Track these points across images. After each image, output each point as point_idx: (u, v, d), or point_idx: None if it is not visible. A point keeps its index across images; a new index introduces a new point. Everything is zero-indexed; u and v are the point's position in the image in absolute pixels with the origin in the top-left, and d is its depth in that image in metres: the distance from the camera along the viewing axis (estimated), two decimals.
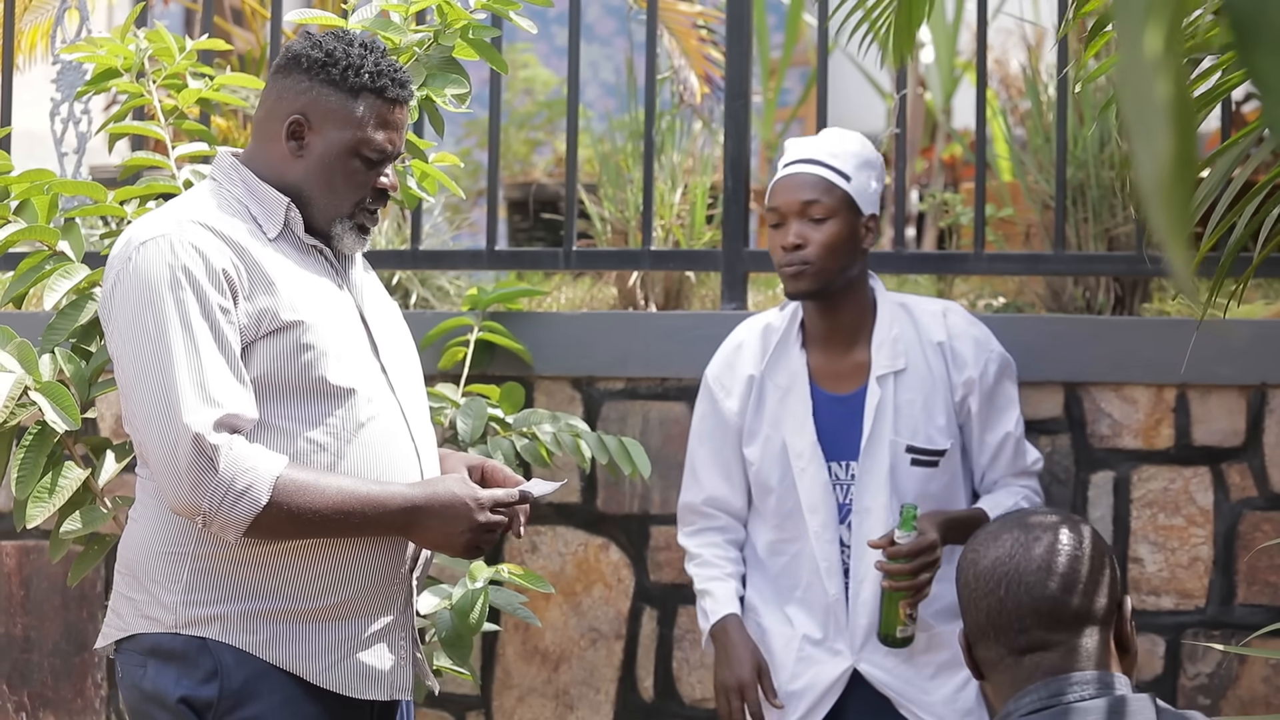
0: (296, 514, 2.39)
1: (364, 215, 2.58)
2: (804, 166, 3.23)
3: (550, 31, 8.49)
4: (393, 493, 2.47)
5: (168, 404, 2.37)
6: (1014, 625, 1.92)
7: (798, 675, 3.23)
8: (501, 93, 4.07)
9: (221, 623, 2.45)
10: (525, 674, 3.83)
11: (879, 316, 3.26)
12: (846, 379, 3.26)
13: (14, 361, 2.82)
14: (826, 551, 3.22)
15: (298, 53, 2.55)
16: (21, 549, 4.05)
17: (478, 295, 3.79)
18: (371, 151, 2.54)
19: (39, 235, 2.98)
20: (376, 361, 2.57)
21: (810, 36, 8.09)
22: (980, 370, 3.25)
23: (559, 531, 3.82)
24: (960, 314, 3.31)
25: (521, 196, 6.20)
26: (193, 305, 2.40)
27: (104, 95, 4.36)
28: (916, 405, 3.22)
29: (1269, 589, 3.49)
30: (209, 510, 2.37)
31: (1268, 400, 3.51)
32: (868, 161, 3.24)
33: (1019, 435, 3.28)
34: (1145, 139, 0.90)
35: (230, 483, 2.36)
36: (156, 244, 2.44)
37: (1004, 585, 1.93)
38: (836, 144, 3.26)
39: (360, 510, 2.43)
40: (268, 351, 2.45)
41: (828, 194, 3.20)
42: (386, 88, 2.54)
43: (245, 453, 2.38)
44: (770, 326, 3.34)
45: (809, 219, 3.20)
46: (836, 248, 3.19)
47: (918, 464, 3.20)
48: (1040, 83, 4.41)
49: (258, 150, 2.58)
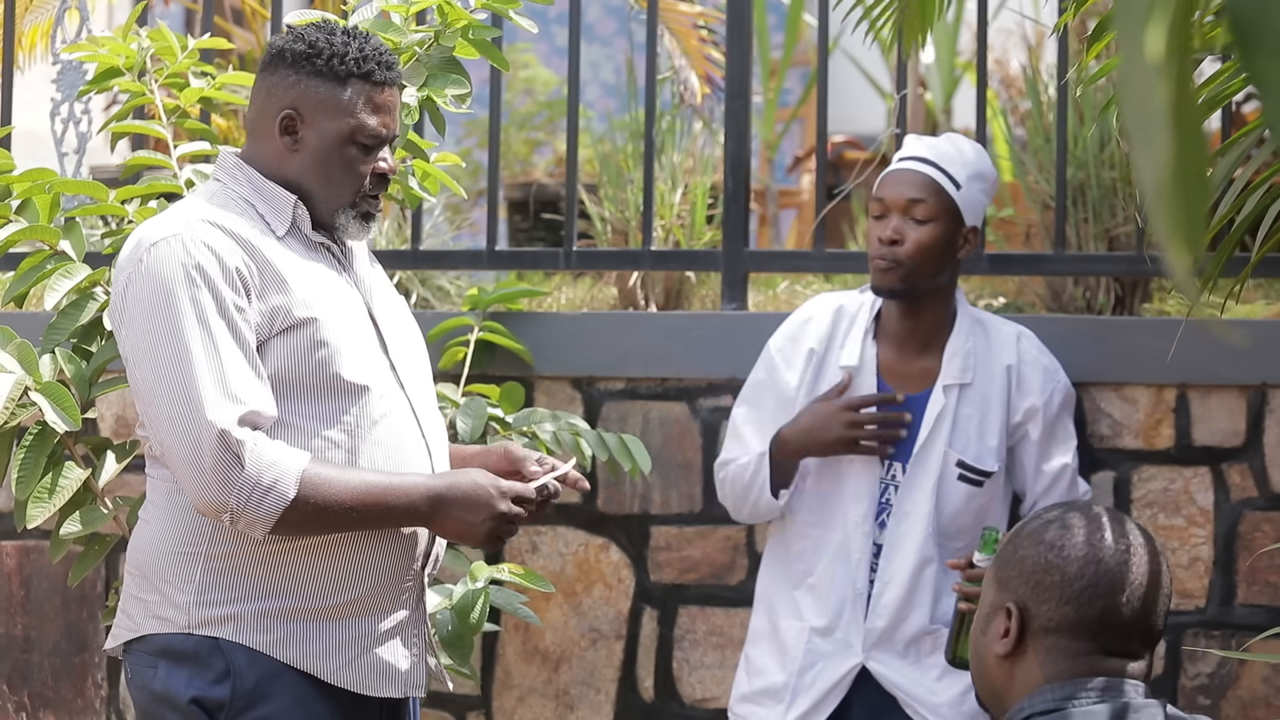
0: (322, 507, 2.40)
1: (366, 202, 2.58)
2: (918, 165, 3.23)
3: (550, 31, 8.48)
4: (414, 482, 2.48)
5: (189, 402, 2.37)
6: (1122, 631, 1.95)
7: (806, 668, 3.22)
8: (502, 93, 4.07)
9: (234, 623, 2.45)
10: (525, 674, 3.83)
11: (956, 327, 3.25)
12: (912, 381, 3.25)
13: (14, 362, 2.82)
14: (862, 544, 3.21)
15: (281, 48, 2.55)
16: (22, 549, 4.05)
17: (478, 295, 3.79)
18: (366, 137, 2.54)
19: (40, 235, 2.98)
20: (386, 358, 2.57)
21: (811, 37, 8.08)
22: (1045, 400, 3.25)
23: (559, 531, 3.82)
24: (1032, 341, 3.31)
25: (522, 196, 6.19)
26: (209, 303, 2.40)
27: (104, 96, 4.36)
28: (974, 422, 3.21)
29: (1269, 589, 3.49)
30: (236, 507, 2.37)
31: (1268, 400, 3.51)
32: (981, 174, 3.24)
33: (1075, 467, 3.28)
34: (1145, 142, 0.90)
35: (257, 478, 2.36)
36: (168, 244, 2.44)
37: (1125, 594, 1.94)
38: (954, 150, 3.25)
39: (383, 501, 2.44)
40: (281, 349, 2.45)
41: (935, 196, 3.19)
42: (373, 71, 2.53)
43: (269, 448, 2.38)
44: (843, 309, 3.32)
45: (911, 217, 3.19)
46: (932, 251, 3.18)
47: (964, 480, 3.20)
48: (1040, 83, 4.42)
49: (255, 149, 2.58)
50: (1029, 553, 1.98)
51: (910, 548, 3.18)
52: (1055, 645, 1.95)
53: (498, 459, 2.65)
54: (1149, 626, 1.96)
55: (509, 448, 2.66)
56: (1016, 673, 1.98)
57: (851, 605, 3.21)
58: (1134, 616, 1.95)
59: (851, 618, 3.21)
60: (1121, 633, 1.94)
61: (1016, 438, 3.26)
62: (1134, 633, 1.95)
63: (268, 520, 2.38)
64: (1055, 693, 1.93)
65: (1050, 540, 1.97)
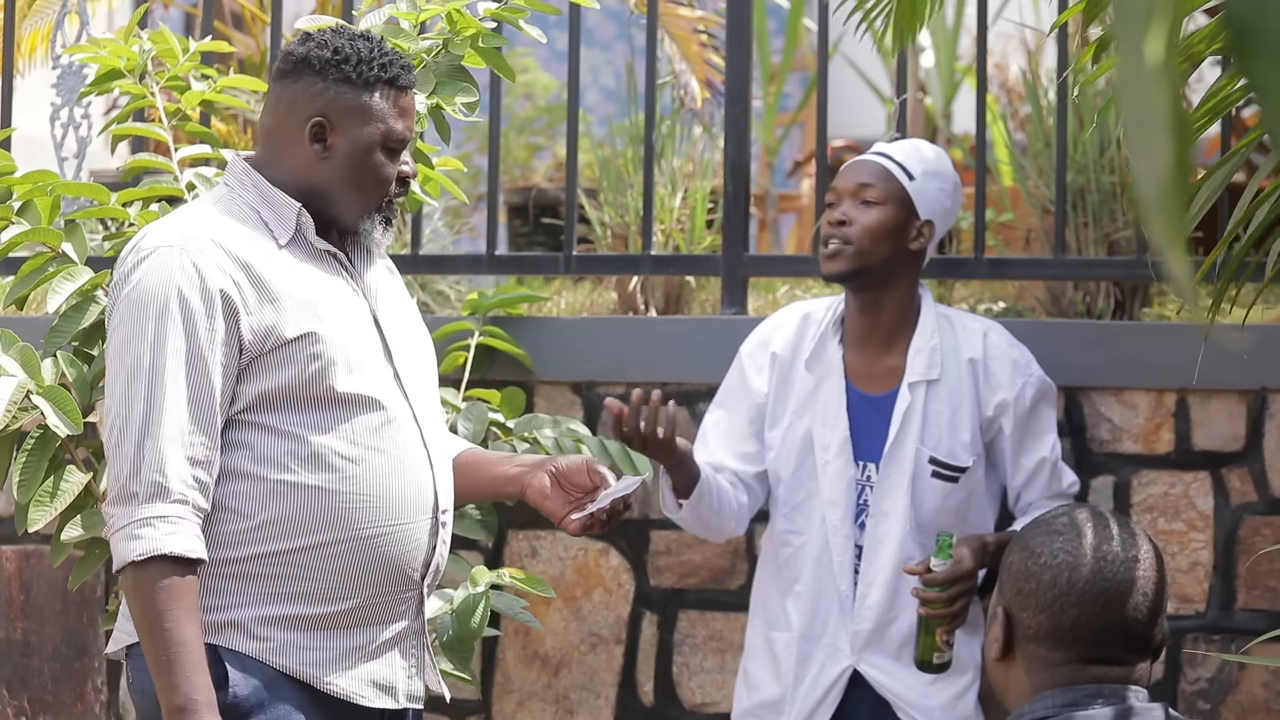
0: (145, 599, 2.37)
1: (390, 207, 2.59)
2: (871, 156, 3.28)
3: (551, 36, 8.48)
4: (192, 682, 2.37)
5: (146, 429, 2.41)
6: (1099, 639, 1.94)
7: (800, 678, 3.23)
8: (502, 97, 4.08)
9: (232, 630, 2.45)
10: (525, 679, 3.83)
11: (920, 324, 3.25)
12: (879, 380, 3.25)
13: (16, 365, 2.82)
14: (843, 547, 3.21)
15: (304, 55, 2.54)
16: (22, 553, 4.05)
17: (478, 300, 3.79)
18: (394, 142, 2.55)
19: (42, 237, 2.98)
20: (390, 367, 2.56)
21: (810, 41, 8.09)
22: (1016, 393, 3.24)
23: (559, 536, 3.82)
24: (1002, 335, 3.30)
25: (521, 201, 6.20)
26: (179, 336, 2.42)
27: (103, 101, 4.36)
28: (944, 417, 3.21)
29: (1269, 594, 3.49)
30: (126, 514, 2.39)
31: (1268, 405, 3.51)
32: (938, 172, 3.26)
33: (1055, 460, 3.27)
34: (1144, 146, 0.90)
35: (163, 514, 2.38)
36: (159, 257, 2.45)
37: (1102, 600, 1.93)
38: (910, 147, 3.29)
39: (163, 660, 2.37)
40: (275, 363, 2.45)
41: (885, 182, 3.22)
42: (399, 76, 2.55)
43: (184, 515, 2.40)
44: (810, 315, 3.33)
45: (861, 200, 3.21)
46: (880, 234, 3.19)
47: (938, 476, 3.20)
48: (1040, 87, 4.41)
49: (271, 156, 2.57)
50: (1015, 558, 1.99)
51: (891, 547, 3.18)
52: (1036, 653, 1.95)
53: (573, 469, 2.63)
54: (1135, 633, 1.94)
55: (590, 464, 2.63)
56: (1010, 677, 1.99)
57: (838, 609, 3.21)
58: (1113, 624, 1.93)
59: (839, 621, 3.21)
60: (1100, 641, 1.93)
61: (992, 433, 3.26)
62: (1115, 640, 1.93)
63: (121, 553, 2.39)
64: (1056, 699, 1.93)
65: (1033, 547, 1.98)
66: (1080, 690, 1.92)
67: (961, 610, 3.07)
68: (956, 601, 3.06)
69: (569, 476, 2.62)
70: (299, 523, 2.46)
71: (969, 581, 3.08)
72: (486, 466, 2.73)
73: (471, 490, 2.73)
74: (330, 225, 2.58)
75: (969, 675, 3.23)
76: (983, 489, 3.26)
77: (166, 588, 2.36)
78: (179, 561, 2.37)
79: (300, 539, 2.46)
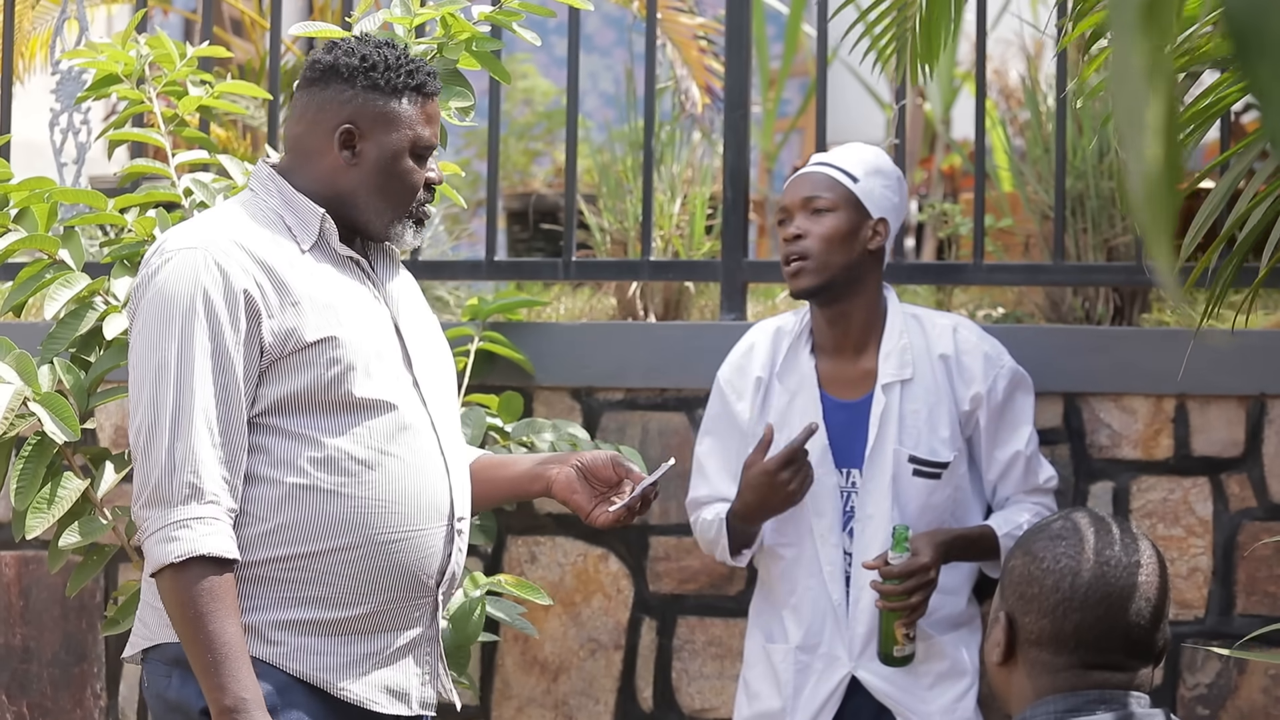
0: (185, 599, 2.37)
1: (419, 211, 2.60)
2: (812, 168, 3.29)
3: (550, 42, 8.48)
4: (242, 679, 2.37)
5: (177, 429, 2.40)
6: (1101, 644, 1.93)
7: (799, 689, 3.23)
8: (501, 103, 4.08)
9: (247, 634, 2.44)
10: (524, 684, 3.83)
11: (888, 325, 3.26)
12: (853, 386, 3.26)
13: (13, 372, 2.82)
14: (831, 555, 3.22)
15: (332, 62, 2.55)
16: (20, 559, 4.05)
17: (478, 305, 3.79)
18: (422, 148, 2.56)
19: (39, 244, 2.98)
20: (409, 374, 2.56)
21: (810, 47, 8.09)
22: (989, 386, 3.25)
23: (558, 542, 3.81)
24: (971, 329, 3.31)
25: (521, 207, 6.20)
26: (204, 335, 2.42)
27: (102, 107, 4.36)
28: (921, 416, 3.22)
29: (1268, 599, 3.49)
30: (159, 517, 2.39)
31: (1267, 410, 3.51)
32: (880, 170, 3.27)
33: (1030, 453, 3.28)
34: (1134, 148, 0.90)
35: (197, 516, 2.38)
36: (182, 259, 2.45)
37: (1105, 605, 1.92)
38: (847, 152, 3.32)
39: (210, 657, 2.37)
40: (295, 367, 2.46)
41: (830, 189, 3.23)
42: (425, 83, 2.56)
43: (216, 516, 2.40)
44: (781, 330, 3.35)
45: (811, 212, 3.22)
46: (836, 241, 3.20)
47: (920, 474, 3.20)
48: (1039, 93, 4.42)
49: (298, 163, 2.57)
50: (1017, 563, 1.98)
51: (879, 551, 3.18)
52: (1038, 658, 1.95)
53: (598, 464, 2.63)
54: (1137, 639, 1.94)
55: (615, 458, 2.65)
56: (1012, 681, 1.98)
57: (833, 617, 3.22)
58: (1115, 630, 1.93)
59: (834, 630, 3.22)
60: (1102, 647, 1.93)
61: (970, 427, 3.27)
62: (1117, 646, 1.93)
63: (156, 557, 2.38)
64: (1058, 704, 1.93)
65: (1035, 551, 1.97)
66: (1082, 695, 1.92)
67: (920, 603, 3.09)
68: (914, 595, 3.08)
69: (594, 471, 2.63)
70: (314, 527, 2.46)
71: (925, 575, 3.09)
72: (505, 467, 2.73)
73: (491, 493, 2.73)
74: (356, 232, 2.59)
75: (968, 679, 3.24)
76: (969, 486, 3.27)
77: (207, 589, 2.37)
78: (216, 562, 2.38)
79: (315, 543, 2.46)
